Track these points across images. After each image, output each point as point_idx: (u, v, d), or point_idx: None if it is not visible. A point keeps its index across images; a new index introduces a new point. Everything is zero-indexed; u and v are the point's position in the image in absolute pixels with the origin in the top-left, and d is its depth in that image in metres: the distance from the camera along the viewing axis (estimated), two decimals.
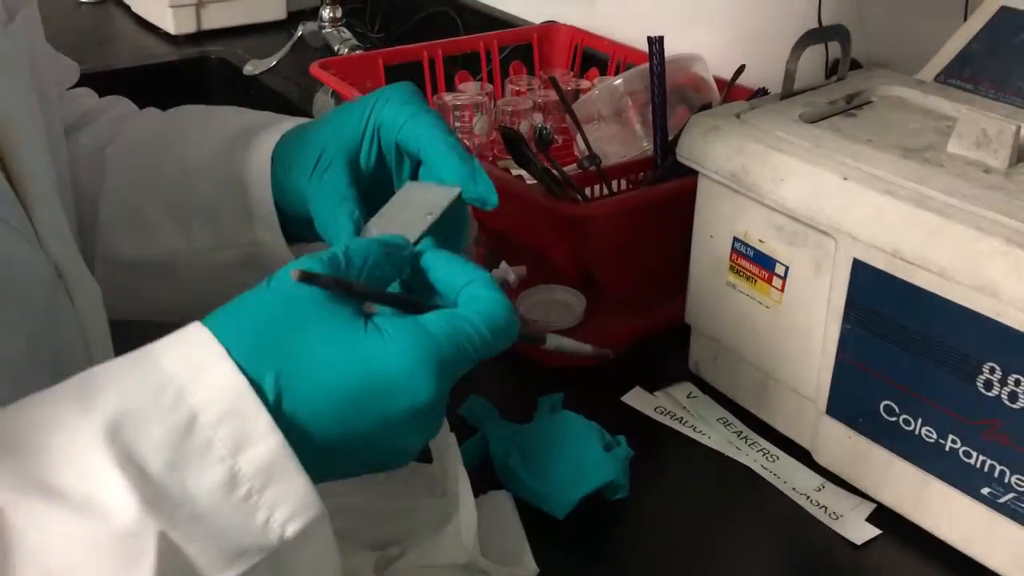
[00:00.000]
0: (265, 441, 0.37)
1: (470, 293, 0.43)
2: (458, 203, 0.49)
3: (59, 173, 0.54)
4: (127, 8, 1.63)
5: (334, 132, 0.55)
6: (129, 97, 0.78)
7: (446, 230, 0.49)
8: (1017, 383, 0.55)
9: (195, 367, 0.38)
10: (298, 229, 0.61)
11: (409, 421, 0.41)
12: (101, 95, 0.90)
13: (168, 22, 1.50)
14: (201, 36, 1.52)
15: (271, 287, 0.40)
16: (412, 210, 0.48)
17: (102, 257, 0.64)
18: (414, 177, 0.56)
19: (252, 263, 0.62)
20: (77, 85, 0.71)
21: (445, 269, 0.45)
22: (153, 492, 0.35)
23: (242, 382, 0.38)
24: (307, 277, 0.39)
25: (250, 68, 1.41)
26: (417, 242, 0.47)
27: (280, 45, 1.45)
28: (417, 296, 0.45)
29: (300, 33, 1.44)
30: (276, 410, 0.38)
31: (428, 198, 0.47)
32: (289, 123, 0.62)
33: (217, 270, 0.63)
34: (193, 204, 0.62)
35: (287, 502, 0.38)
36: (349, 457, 0.41)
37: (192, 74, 1.47)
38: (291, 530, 0.38)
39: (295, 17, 1.56)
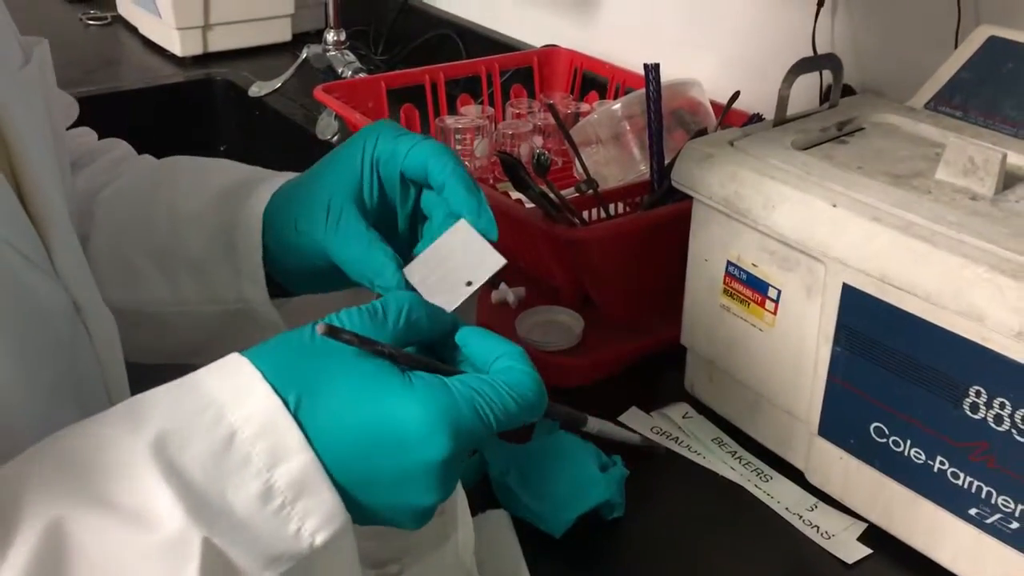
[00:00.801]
0: (298, 457, 0.40)
1: (503, 364, 0.45)
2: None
3: (70, 210, 0.55)
4: (134, 30, 1.66)
5: (335, 178, 0.56)
6: (136, 119, 0.80)
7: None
8: (1002, 406, 0.56)
9: (233, 388, 0.41)
10: (296, 284, 0.62)
11: (422, 477, 0.42)
12: (108, 116, 0.92)
13: (175, 44, 1.52)
14: (207, 58, 1.55)
15: (308, 329, 0.43)
16: (455, 266, 0.49)
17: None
18: (417, 199, 0.57)
19: (239, 317, 0.63)
20: (80, 116, 0.72)
21: (480, 343, 0.46)
22: (197, 502, 0.38)
23: (277, 402, 0.41)
24: (332, 332, 0.42)
25: (255, 90, 1.43)
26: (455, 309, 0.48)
27: (285, 67, 1.47)
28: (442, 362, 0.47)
29: (305, 56, 1.46)
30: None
31: (472, 258, 0.48)
32: (281, 179, 0.63)
33: (204, 320, 0.64)
34: (180, 255, 0.63)
35: (317, 513, 0.40)
36: (359, 503, 0.43)
37: (198, 96, 1.49)
38: (320, 539, 0.40)
39: (300, 39, 1.59)
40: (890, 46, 0.94)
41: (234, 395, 0.41)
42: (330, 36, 1.43)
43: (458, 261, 0.45)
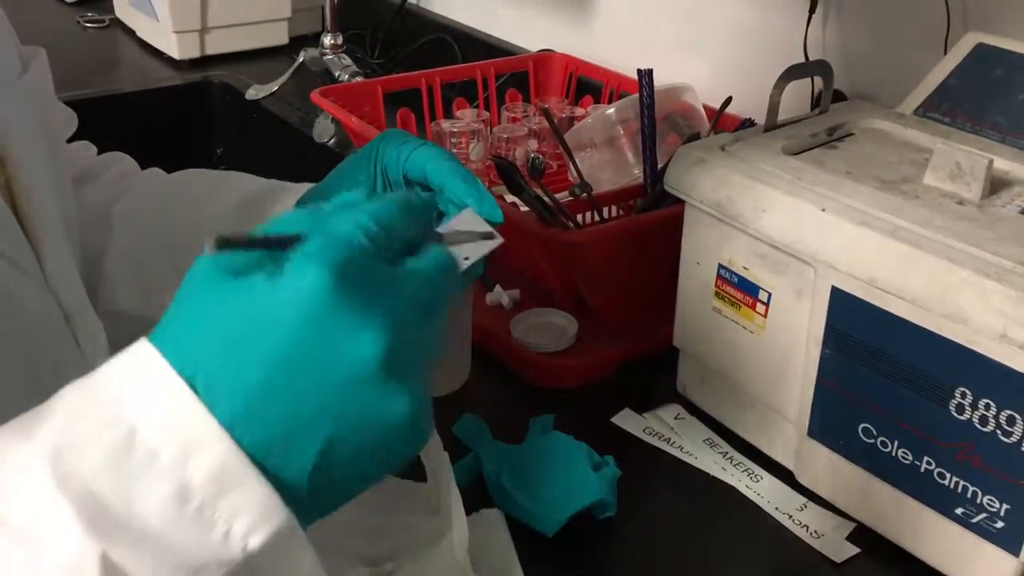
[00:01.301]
0: (214, 446, 0.34)
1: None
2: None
3: (67, 220, 0.56)
4: (131, 33, 1.66)
5: (352, 185, 0.58)
6: (134, 121, 0.80)
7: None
8: (987, 407, 0.57)
9: (131, 379, 0.36)
10: None
11: (347, 359, 0.35)
12: (105, 119, 0.93)
13: (172, 47, 1.53)
14: (204, 61, 1.55)
15: (189, 280, 0.37)
16: (457, 250, 0.50)
17: (103, 309, 0.64)
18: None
19: None
20: (78, 119, 0.73)
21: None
22: (95, 514, 0.33)
23: (181, 386, 0.35)
24: (223, 243, 0.36)
25: (252, 93, 1.44)
26: None
27: (282, 70, 1.48)
28: None
29: (301, 59, 1.47)
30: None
31: (475, 237, 0.49)
32: (301, 188, 0.64)
33: None
34: None
35: (246, 512, 0.34)
36: (312, 478, 0.36)
37: (195, 98, 1.50)
38: (255, 542, 0.34)
39: (297, 43, 1.59)
40: (881, 52, 0.96)
41: (133, 386, 0.35)
42: (327, 40, 1.44)
43: (463, 243, 0.46)
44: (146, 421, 0.34)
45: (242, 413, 0.35)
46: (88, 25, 1.73)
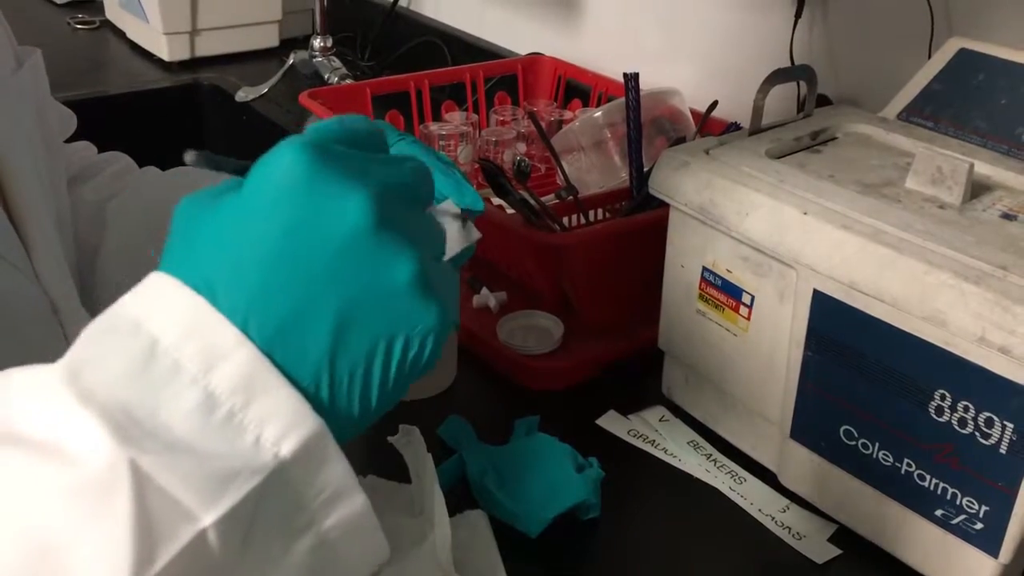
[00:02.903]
0: (237, 354, 0.34)
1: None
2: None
3: (60, 215, 0.56)
4: (122, 34, 1.67)
5: None
6: (123, 122, 0.81)
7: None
8: (966, 409, 0.57)
9: (149, 299, 0.36)
10: None
11: (309, 215, 0.35)
12: (96, 120, 0.93)
13: (162, 49, 1.53)
14: (195, 63, 1.56)
15: (176, 216, 0.38)
16: None
17: (98, 304, 0.66)
18: None
19: None
20: (76, 132, 0.74)
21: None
22: (121, 425, 0.32)
23: (199, 299, 0.35)
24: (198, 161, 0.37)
25: (242, 95, 1.44)
26: None
27: (272, 73, 1.48)
28: None
29: (291, 62, 1.47)
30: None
31: (452, 232, 0.49)
32: None
33: None
34: None
35: (276, 418, 0.34)
36: (322, 315, 0.35)
37: (185, 100, 1.50)
38: (287, 448, 0.34)
39: (287, 45, 1.60)
40: (866, 57, 0.96)
41: (149, 305, 0.35)
42: (317, 42, 1.44)
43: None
44: (166, 332, 0.34)
45: (248, 308, 0.34)
46: (79, 27, 1.73)
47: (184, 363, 0.33)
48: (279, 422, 0.34)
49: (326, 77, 1.41)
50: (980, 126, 0.75)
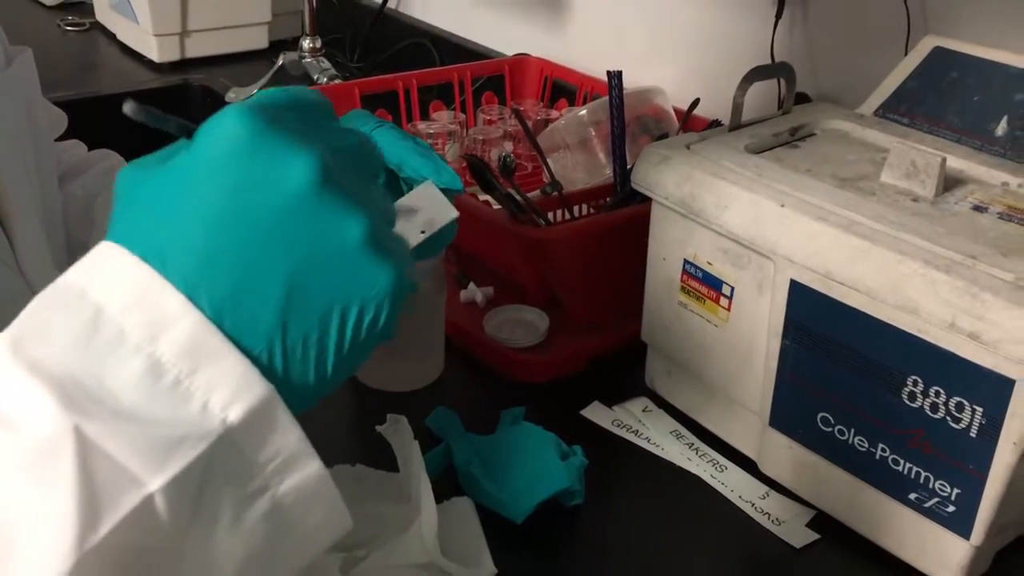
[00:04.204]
0: (182, 322, 0.34)
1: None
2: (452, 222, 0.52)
3: (49, 212, 0.57)
4: (112, 36, 1.67)
5: None
6: (114, 122, 0.82)
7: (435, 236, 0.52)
8: (937, 395, 0.59)
9: (95, 268, 0.36)
10: None
11: (248, 172, 0.35)
12: (86, 120, 0.95)
13: (152, 50, 1.54)
14: (184, 64, 1.57)
15: (117, 187, 0.38)
16: (416, 220, 0.51)
17: None
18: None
19: None
20: (67, 132, 0.75)
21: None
22: (67, 392, 0.33)
23: (144, 267, 0.35)
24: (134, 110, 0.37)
25: (232, 95, 1.45)
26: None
27: (261, 74, 1.49)
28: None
29: (281, 62, 1.48)
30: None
31: (432, 210, 0.50)
32: None
33: None
34: None
35: (223, 384, 0.34)
36: (270, 280, 0.35)
37: (175, 101, 1.51)
38: (234, 414, 0.34)
39: (276, 47, 1.61)
40: (844, 56, 0.98)
41: (93, 274, 0.35)
42: (306, 43, 1.46)
43: (420, 215, 0.47)
44: (111, 301, 0.34)
45: (196, 274, 0.34)
46: (68, 28, 1.73)
47: (129, 331, 0.33)
48: (226, 388, 0.34)
49: (315, 78, 1.43)
50: (954, 122, 0.76)
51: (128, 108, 0.37)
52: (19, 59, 0.58)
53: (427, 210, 0.45)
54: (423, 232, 0.45)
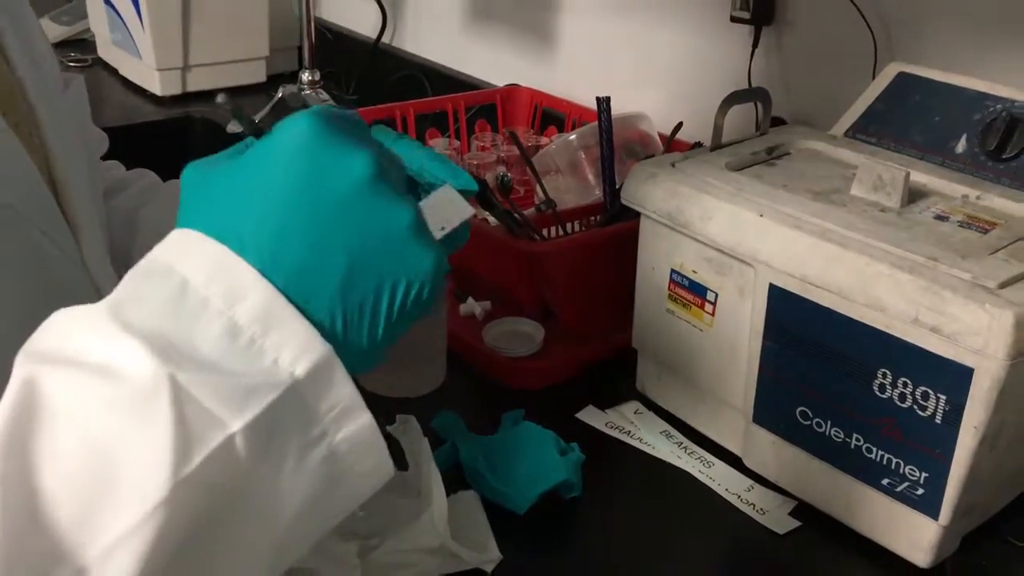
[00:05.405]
0: (255, 292, 0.39)
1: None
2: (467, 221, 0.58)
3: (100, 219, 0.63)
4: (114, 72, 1.73)
5: None
6: (118, 154, 0.87)
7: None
8: (905, 385, 0.65)
9: (178, 248, 0.41)
10: None
11: (316, 166, 0.41)
12: None
13: (155, 84, 1.60)
14: (186, 97, 1.62)
15: (185, 181, 0.43)
16: (436, 220, 0.57)
17: None
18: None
19: None
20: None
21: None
22: (160, 348, 0.38)
23: (221, 247, 0.40)
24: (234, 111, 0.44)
25: (232, 127, 1.51)
26: None
27: (259, 107, 1.55)
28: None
29: (280, 94, 1.54)
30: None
31: (450, 209, 0.55)
32: None
33: None
34: None
35: (290, 344, 0.39)
36: (334, 258, 0.41)
37: (177, 133, 1.57)
38: (300, 369, 0.39)
39: (274, 80, 1.67)
40: (817, 81, 1.05)
41: (178, 252, 0.41)
42: (305, 76, 1.52)
43: (440, 214, 0.52)
44: (195, 275, 0.40)
45: (269, 251, 0.40)
46: (72, 64, 1.79)
47: (211, 299, 0.39)
48: (293, 347, 0.39)
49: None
50: (918, 141, 0.83)
51: (221, 99, 0.43)
52: (74, 83, 0.63)
53: (446, 209, 0.50)
54: (443, 229, 0.50)
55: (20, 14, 0.60)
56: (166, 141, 1.56)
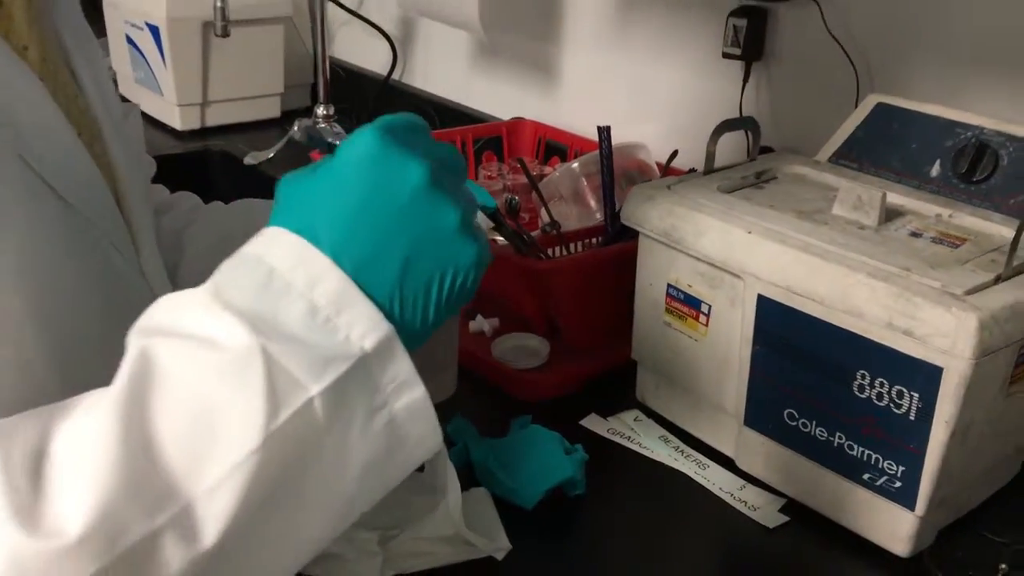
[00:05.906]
0: (330, 277, 0.46)
1: None
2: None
3: (154, 234, 0.70)
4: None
5: None
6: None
7: None
8: (881, 385, 0.70)
9: (266, 241, 0.48)
10: None
11: (405, 181, 0.47)
12: None
13: (176, 119, 1.67)
14: (205, 132, 1.70)
15: (279, 191, 0.50)
16: None
17: None
18: None
19: None
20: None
21: None
22: (254, 322, 0.44)
23: (302, 240, 0.47)
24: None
25: (250, 159, 1.58)
26: None
27: (274, 140, 1.62)
28: None
29: (296, 128, 1.61)
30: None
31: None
32: None
33: None
34: None
35: (359, 322, 0.46)
36: (394, 252, 0.47)
37: (196, 164, 1.64)
38: (369, 343, 0.45)
39: (288, 115, 1.74)
40: (802, 112, 1.12)
41: (266, 245, 0.47)
42: (320, 110, 1.59)
43: None
44: (281, 262, 0.46)
45: (341, 245, 0.47)
46: None
47: (294, 283, 0.46)
48: (362, 325, 0.46)
49: (329, 141, 1.55)
50: (895, 165, 0.89)
51: (299, 125, 0.50)
52: (132, 112, 0.70)
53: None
54: None
55: (86, 37, 0.67)
56: (186, 173, 1.62)
